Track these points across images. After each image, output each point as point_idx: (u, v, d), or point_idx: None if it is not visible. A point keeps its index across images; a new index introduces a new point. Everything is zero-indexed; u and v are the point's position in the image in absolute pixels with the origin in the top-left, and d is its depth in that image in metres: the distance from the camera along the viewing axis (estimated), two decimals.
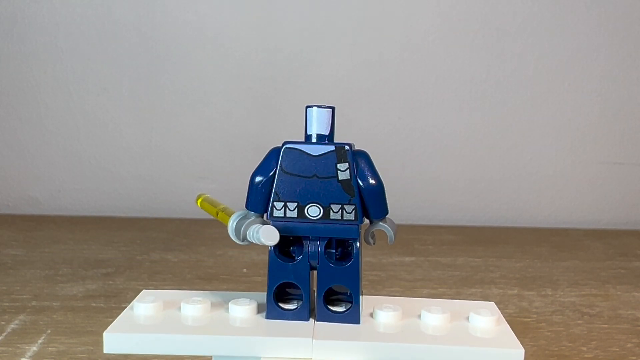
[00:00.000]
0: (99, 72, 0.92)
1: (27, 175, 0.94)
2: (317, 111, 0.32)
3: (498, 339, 0.31)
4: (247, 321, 0.32)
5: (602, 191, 0.97)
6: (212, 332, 0.31)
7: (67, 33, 0.91)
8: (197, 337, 0.30)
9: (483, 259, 0.73)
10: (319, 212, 0.32)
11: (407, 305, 0.34)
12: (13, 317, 0.51)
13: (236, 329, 0.31)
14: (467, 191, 0.96)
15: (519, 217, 0.96)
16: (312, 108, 0.32)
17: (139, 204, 0.94)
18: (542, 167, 0.96)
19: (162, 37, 0.92)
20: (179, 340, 0.30)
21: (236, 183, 0.94)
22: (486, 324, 0.32)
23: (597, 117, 0.95)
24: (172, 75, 0.92)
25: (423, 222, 0.95)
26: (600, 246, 0.82)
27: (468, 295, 0.59)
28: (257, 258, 0.70)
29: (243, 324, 0.32)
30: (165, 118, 0.93)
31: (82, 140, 0.94)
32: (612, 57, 0.94)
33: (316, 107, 0.32)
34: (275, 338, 0.30)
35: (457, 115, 0.94)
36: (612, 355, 0.46)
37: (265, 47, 0.92)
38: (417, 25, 0.92)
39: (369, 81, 0.93)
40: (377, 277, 0.65)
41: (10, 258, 0.69)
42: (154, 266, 0.67)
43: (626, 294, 0.62)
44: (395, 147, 0.94)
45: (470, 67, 0.93)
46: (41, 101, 0.93)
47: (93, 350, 0.45)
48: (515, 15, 0.92)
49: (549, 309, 0.56)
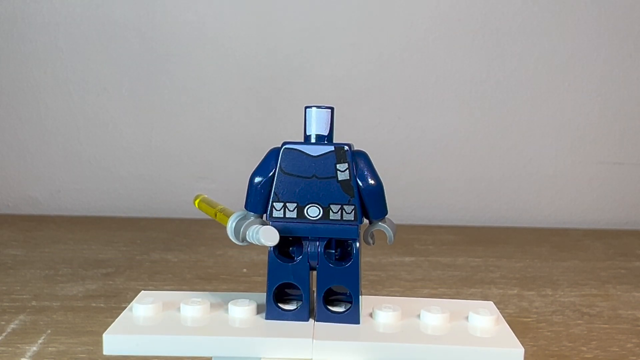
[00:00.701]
0: (99, 72, 0.92)
1: (27, 175, 0.94)
2: (316, 111, 0.32)
3: (498, 338, 0.31)
4: (246, 322, 0.32)
5: (602, 191, 0.97)
6: (212, 333, 0.31)
7: (67, 33, 0.91)
8: (197, 338, 0.30)
9: (483, 259, 0.73)
10: (319, 213, 0.32)
11: (406, 305, 0.34)
12: (13, 317, 0.51)
13: (236, 329, 0.31)
14: (467, 191, 0.96)
15: (519, 217, 0.96)
16: (311, 108, 0.32)
17: (139, 204, 0.94)
18: (542, 167, 0.96)
19: (162, 37, 0.92)
20: (178, 341, 0.30)
21: (236, 183, 0.94)
22: (485, 323, 0.32)
23: (597, 117, 0.95)
24: (172, 75, 0.92)
25: (423, 222, 0.95)
26: (600, 246, 0.82)
27: (468, 295, 0.59)
28: (257, 258, 0.70)
29: (243, 325, 0.32)
30: (165, 118, 0.93)
31: (82, 140, 0.94)
32: (612, 57, 0.94)
33: (315, 108, 0.32)
34: (275, 338, 0.30)
35: (457, 115, 0.94)
36: (612, 355, 0.46)
37: (265, 47, 0.92)
38: (417, 25, 0.92)
39: (369, 81, 0.93)
40: (377, 277, 0.65)
41: (10, 258, 0.69)
42: (154, 266, 0.67)
43: (626, 294, 0.62)
44: (395, 147, 0.94)
45: (470, 67, 0.93)
46: (41, 101, 0.93)
47: (93, 350, 0.45)
48: (515, 15, 0.92)
49: (549, 309, 0.56)
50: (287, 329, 0.31)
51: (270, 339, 0.30)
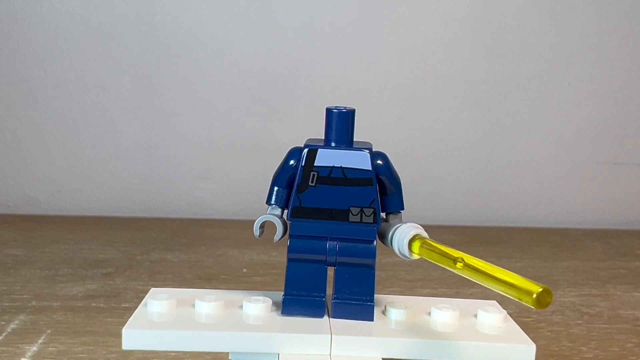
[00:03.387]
0: (99, 72, 0.92)
1: (27, 175, 0.94)
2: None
3: (508, 335, 0.32)
4: (263, 318, 0.33)
5: (602, 191, 0.97)
6: (230, 329, 0.31)
7: (67, 33, 0.91)
8: (217, 334, 0.31)
9: (483, 259, 0.73)
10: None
11: (415, 303, 0.35)
12: (13, 317, 0.51)
13: (254, 325, 0.32)
14: (467, 191, 0.96)
15: (519, 217, 0.96)
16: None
17: (139, 204, 0.94)
18: (542, 167, 0.96)
19: (162, 37, 0.92)
20: (199, 336, 0.31)
21: (236, 183, 0.95)
22: (494, 321, 0.33)
23: (597, 117, 0.95)
24: (172, 75, 0.92)
25: (423, 222, 0.94)
26: (600, 246, 0.82)
27: (468, 295, 0.59)
28: (257, 258, 0.70)
29: (260, 321, 0.32)
30: (165, 118, 0.93)
31: (82, 140, 0.94)
32: (612, 57, 0.94)
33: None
34: (293, 334, 0.31)
35: (457, 115, 0.94)
36: (612, 355, 0.46)
37: (265, 47, 0.92)
38: (417, 25, 0.92)
39: (369, 81, 0.93)
40: (377, 277, 0.64)
41: (10, 258, 0.69)
42: (154, 266, 0.67)
43: (626, 294, 0.62)
44: (395, 147, 0.94)
45: (470, 67, 0.93)
46: (41, 101, 0.93)
47: (93, 350, 0.45)
48: (515, 15, 0.92)
49: (549, 309, 0.56)
50: (305, 325, 0.32)
51: (288, 334, 0.31)
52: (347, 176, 0.32)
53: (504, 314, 0.33)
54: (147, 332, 0.30)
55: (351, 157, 0.32)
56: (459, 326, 0.32)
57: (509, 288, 0.25)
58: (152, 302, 0.33)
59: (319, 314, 0.32)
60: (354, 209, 0.32)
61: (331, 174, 0.32)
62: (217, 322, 0.32)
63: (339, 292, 0.33)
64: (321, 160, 0.32)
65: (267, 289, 0.58)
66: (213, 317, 0.32)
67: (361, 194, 0.32)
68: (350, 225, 0.32)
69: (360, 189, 0.32)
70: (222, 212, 0.92)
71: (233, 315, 0.33)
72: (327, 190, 0.32)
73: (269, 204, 0.34)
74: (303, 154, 0.32)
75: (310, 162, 0.32)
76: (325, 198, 0.32)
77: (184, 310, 0.33)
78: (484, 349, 0.30)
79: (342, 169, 0.32)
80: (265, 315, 0.33)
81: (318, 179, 0.32)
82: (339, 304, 0.33)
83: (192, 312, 0.33)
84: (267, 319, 0.32)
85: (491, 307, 0.34)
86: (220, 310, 0.33)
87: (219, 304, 0.33)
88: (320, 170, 0.32)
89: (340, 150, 0.32)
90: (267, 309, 0.33)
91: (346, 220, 0.32)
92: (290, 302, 0.32)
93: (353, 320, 0.32)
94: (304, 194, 0.32)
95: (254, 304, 0.33)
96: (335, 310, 0.33)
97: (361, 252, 0.33)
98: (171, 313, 0.32)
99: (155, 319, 0.32)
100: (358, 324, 0.32)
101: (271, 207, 0.34)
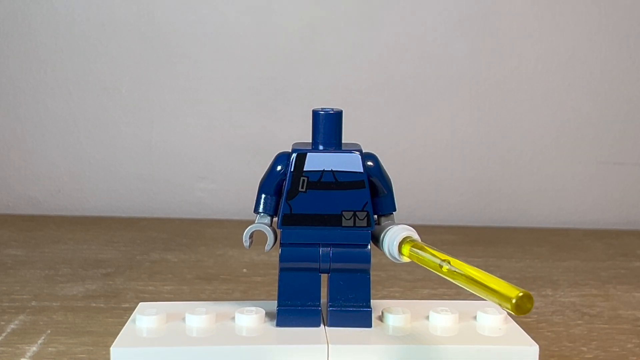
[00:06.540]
0: (99, 72, 0.92)
1: (27, 175, 0.94)
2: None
3: (510, 336, 0.31)
4: (257, 330, 0.32)
5: (602, 191, 0.97)
6: (223, 343, 0.30)
7: (67, 33, 0.91)
8: (209, 348, 0.30)
9: (483, 259, 0.73)
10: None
11: (413, 307, 0.34)
12: (13, 317, 0.51)
13: (247, 338, 0.31)
14: (467, 191, 0.96)
15: (519, 217, 0.96)
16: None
17: (139, 204, 0.94)
18: (542, 167, 0.96)
19: (162, 37, 0.92)
20: (189, 352, 0.30)
21: (236, 183, 0.94)
22: (494, 322, 0.32)
23: (597, 117, 0.95)
24: (172, 75, 0.92)
25: (423, 222, 0.94)
26: (600, 246, 0.82)
27: (468, 296, 0.59)
28: (257, 258, 0.70)
29: (253, 333, 0.31)
30: (165, 118, 0.93)
31: (82, 140, 0.94)
32: (612, 57, 0.94)
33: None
34: (289, 346, 0.30)
35: (457, 115, 0.94)
36: (613, 356, 0.46)
37: (265, 47, 0.92)
38: (417, 25, 0.92)
39: (369, 81, 0.93)
40: (377, 277, 0.65)
41: (10, 258, 0.69)
42: (154, 266, 0.67)
43: (626, 294, 0.62)
44: (395, 147, 0.94)
45: (470, 67, 0.93)
46: (41, 101, 0.93)
47: (93, 351, 0.45)
48: (515, 15, 0.92)
49: (549, 309, 0.56)
50: (300, 335, 0.31)
51: (283, 346, 0.30)
52: (338, 180, 0.31)
53: (504, 314, 0.33)
54: (136, 349, 0.29)
55: (342, 160, 0.31)
56: (459, 329, 0.32)
57: (490, 293, 0.25)
58: (141, 318, 0.32)
59: (315, 323, 0.32)
60: (347, 213, 0.31)
61: (322, 178, 0.31)
62: (209, 335, 0.31)
63: (334, 299, 0.32)
64: (311, 164, 0.31)
65: (267, 289, 0.59)
66: (204, 331, 0.31)
67: (353, 198, 0.31)
68: (344, 230, 0.31)
69: (353, 192, 0.31)
70: (222, 212, 0.92)
71: (225, 328, 0.32)
72: (318, 195, 0.31)
73: (257, 212, 0.33)
74: (291, 158, 0.31)
75: (299, 167, 0.31)
76: (316, 203, 0.31)
77: (174, 324, 0.32)
78: (486, 351, 0.30)
79: (333, 172, 0.31)
80: (259, 327, 0.32)
81: (308, 184, 0.31)
82: (335, 312, 0.32)
83: (182, 326, 0.32)
84: (260, 331, 0.32)
85: (490, 307, 0.34)
86: (211, 323, 0.32)
87: (210, 317, 0.32)
88: (310, 175, 0.31)
89: (330, 153, 0.31)
90: (260, 320, 0.32)
91: (339, 225, 0.31)
92: (285, 312, 0.32)
93: (350, 327, 0.32)
94: (294, 200, 0.31)
95: (247, 315, 0.32)
96: (331, 319, 0.32)
97: (356, 257, 0.32)
98: (161, 328, 0.32)
99: (145, 335, 0.31)
100: (355, 331, 0.31)
101: (260, 216, 0.33)
